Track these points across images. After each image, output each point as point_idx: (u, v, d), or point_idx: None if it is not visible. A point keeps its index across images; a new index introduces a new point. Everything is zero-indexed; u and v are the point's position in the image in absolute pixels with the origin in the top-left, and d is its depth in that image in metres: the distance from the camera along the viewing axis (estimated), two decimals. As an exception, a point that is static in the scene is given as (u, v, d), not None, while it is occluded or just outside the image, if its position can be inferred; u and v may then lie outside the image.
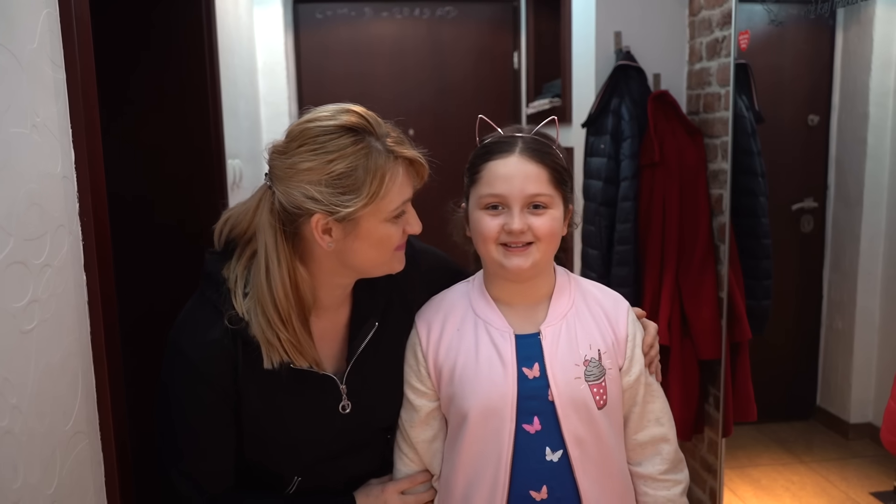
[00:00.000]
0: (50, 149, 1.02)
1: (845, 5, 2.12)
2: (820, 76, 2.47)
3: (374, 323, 1.18)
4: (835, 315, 2.49)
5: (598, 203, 2.52)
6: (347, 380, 1.17)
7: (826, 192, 2.51)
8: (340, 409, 1.17)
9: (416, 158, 1.08)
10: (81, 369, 1.09)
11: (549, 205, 1.13)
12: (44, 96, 1.00)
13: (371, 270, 1.13)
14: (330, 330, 1.18)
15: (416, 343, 1.21)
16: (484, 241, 1.14)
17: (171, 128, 2.04)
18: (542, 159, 1.14)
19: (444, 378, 1.17)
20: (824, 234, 2.52)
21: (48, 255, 1.00)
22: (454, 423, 1.18)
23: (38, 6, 1.00)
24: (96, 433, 1.13)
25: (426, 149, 1.13)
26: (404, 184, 1.08)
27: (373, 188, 1.03)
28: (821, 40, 2.41)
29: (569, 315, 1.18)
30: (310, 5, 3.69)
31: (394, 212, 1.07)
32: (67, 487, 1.03)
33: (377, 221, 1.06)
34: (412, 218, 1.12)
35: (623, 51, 2.56)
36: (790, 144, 2.56)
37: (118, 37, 1.94)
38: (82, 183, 1.09)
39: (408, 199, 1.10)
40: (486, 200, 1.13)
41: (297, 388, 1.12)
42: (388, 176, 1.04)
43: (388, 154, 1.05)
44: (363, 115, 1.06)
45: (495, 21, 3.83)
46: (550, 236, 1.14)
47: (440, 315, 1.21)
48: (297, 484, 1.20)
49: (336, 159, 1.02)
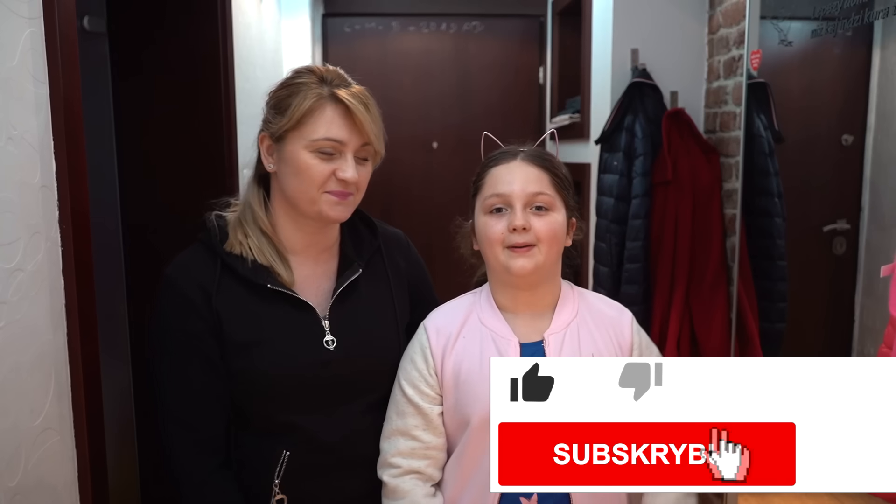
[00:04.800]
0: (28, 160, 1.08)
1: (883, 17, 2.05)
2: (855, 94, 2.40)
3: (357, 268, 1.27)
4: (867, 341, 2.41)
5: (609, 220, 2.52)
6: (331, 316, 1.23)
7: (860, 214, 2.43)
8: (325, 344, 1.21)
9: (346, 101, 1.16)
10: (55, 369, 1.15)
11: (550, 207, 1.17)
12: (22, 110, 1.07)
13: (300, 205, 1.20)
14: (319, 276, 1.27)
15: (425, 346, 1.23)
16: (490, 244, 1.18)
17: (183, 137, 2.12)
18: (543, 164, 1.20)
19: (448, 384, 1.20)
20: (857, 257, 2.45)
21: (20, 260, 1.05)
22: (455, 429, 1.20)
23: (20, 26, 1.07)
24: (69, 430, 1.19)
25: (449, 162, 1.19)
26: (334, 122, 1.16)
27: (297, 112, 1.16)
28: (856, 57, 2.35)
29: (573, 324, 1.21)
30: (339, 19, 3.77)
31: (315, 143, 1.16)
32: (33, 481, 1.08)
33: (299, 147, 1.17)
34: (346, 165, 1.17)
35: (639, 68, 2.55)
36: (822, 164, 2.50)
37: (131, 44, 2.03)
38: (62, 192, 1.15)
39: (338, 139, 1.16)
40: (490, 202, 1.18)
41: (277, 310, 1.19)
42: (317, 107, 1.16)
43: (324, 91, 1.17)
44: (330, 69, 1.21)
45: (521, 36, 3.84)
46: (552, 238, 1.17)
47: (448, 321, 1.24)
48: (285, 460, 1.19)
49: (283, 88, 1.20)
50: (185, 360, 1.17)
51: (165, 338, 1.19)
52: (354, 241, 1.31)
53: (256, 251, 1.20)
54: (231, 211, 1.26)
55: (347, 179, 1.17)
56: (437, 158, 3.76)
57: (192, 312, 1.16)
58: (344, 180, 1.17)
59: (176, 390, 1.18)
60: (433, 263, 4.26)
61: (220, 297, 1.17)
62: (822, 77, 2.44)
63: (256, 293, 1.19)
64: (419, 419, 1.20)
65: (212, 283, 1.18)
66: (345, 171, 1.17)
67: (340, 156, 1.17)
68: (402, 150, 3.81)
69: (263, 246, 1.21)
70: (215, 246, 1.20)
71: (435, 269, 4.12)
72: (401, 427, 1.21)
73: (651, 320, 2.45)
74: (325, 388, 1.21)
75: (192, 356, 1.17)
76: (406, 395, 1.22)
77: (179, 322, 1.17)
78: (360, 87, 1.21)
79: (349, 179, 1.17)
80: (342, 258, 1.29)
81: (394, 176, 3.84)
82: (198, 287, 1.17)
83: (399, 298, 1.33)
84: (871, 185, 2.37)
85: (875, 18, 1.93)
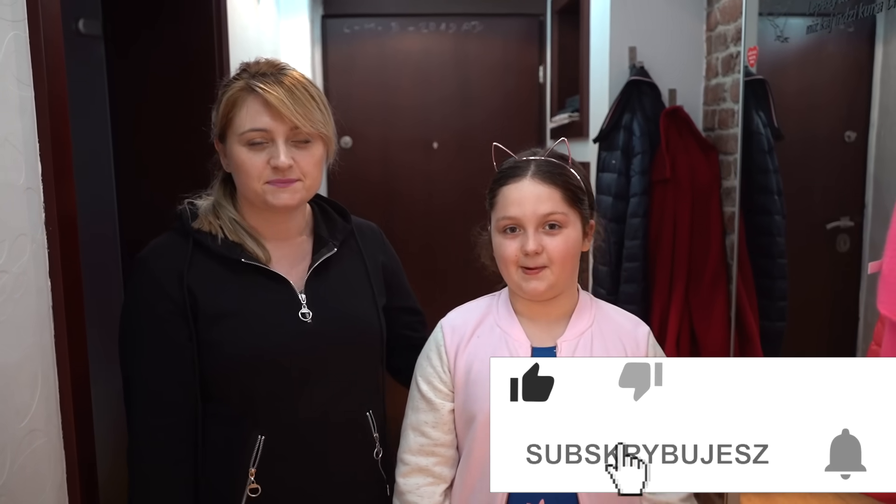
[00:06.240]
0: (12, 162, 1.08)
1: (887, 9, 2.02)
2: (858, 90, 2.39)
3: (332, 247, 1.30)
4: (871, 340, 2.39)
5: (608, 219, 2.50)
6: (307, 290, 1.25)
7: (863, 211, 2.42)
8: (301, 316, 1.22)
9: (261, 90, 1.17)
10: (42, 370, 1.15)
11: (563, 224, 1.18)
12: (6, 112, 1.07)
13: (251, 199, 1.23)
14: (294, 256, 1.29)
15: (440, 343, 1.25)
16: (504, 264, 1.21)
17: (179, 140, 2.12)
18: (554, 180, 1.18)
19: (459, 381, 1.22)
20: (861, 254, 2.43)
21: (4, 262, 1.06)
22: (463, 426, 1.22)
23: (4, 28, 1.07)
24: (57, 432, 1.19)
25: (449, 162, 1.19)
26: (256, 113, 1.18)
27: (224, 109, 1.21)
28: (859, 52, 2.33)
29: (587, 332, 1.23)
30: (338, 20, 3.77)
31: (243, 136, 1.18)
32: (19, 481, 1.08)
33: (235, 143, 1.20)
34: (276, 151, 1.19)
35: (637, 66, 2.54)
36: (825, 161, 2.48)
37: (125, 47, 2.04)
38: (48, 194, 1.16)
39: (262, 128, 1.18)
40: (503, 223, 1.20)
41: (251, 284, 1.22)
42: (238, 102, 1.19)
43: (243, 85, 1.20)
44: (260, 62, 1.23)
45: (521, 35, 3.83)
46: (565, 258, 1.18)
47: (465, 321, 1.27)
48: (261, 445, 1.19)
49: (220, 88, 1.25)
50: (151, 343, 1.19)
51: (133, 320, 1.21)
52: (328, 225, 1.34)
53: (228, 231, 1.23)
54: (203, 200, 1.29)
55: (279, 166, 1.18)
56: (437, 158, 3.76)
57: (161, 296, 1.18)
58: (277, 167, 1.18)
59: (141, 372, 1.20)
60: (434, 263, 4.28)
61: (191, 273, 1.20)
62: (825, 73, 2.42)
63: (230, 268, 1.21)
64: (430, 415, 1.23)
65: (183, 261, 1.20)
66: (276, 158, 1.18)
67: (272, 143, 1.19)
68: (402, 150, 3.81)
69: (236, 227, 1.24)
70: (187, 226, 1.23)
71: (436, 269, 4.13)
72: (413, 422, 1.25)
73: (650, 319, 2.44)
74: (301, 363, 1.22)
75: (159, 339, 1.19)
76: (420, 390, 1.25)
77: (148, 305, 1.20)
78: (295, 73, 1.22)
79: (280, 165, 1.18)
80: (316, 239, 1.32)
81: (394, 176, 3.84)
82: (169, 268, 1.20)
83: (375, 278, 1.35)
84: (874, 181, 2.35)
85: (869, 13, 1.91)
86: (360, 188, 3.71)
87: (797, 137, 2.39)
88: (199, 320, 1.19)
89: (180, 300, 1.18)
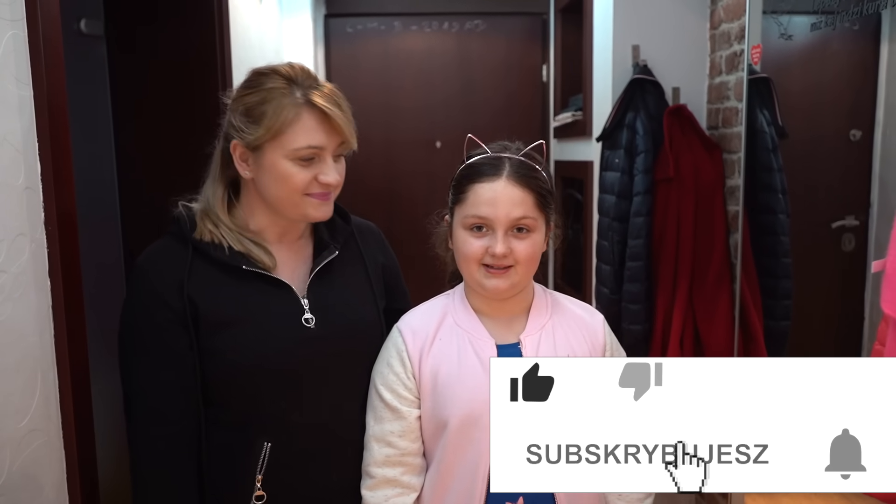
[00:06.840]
0: (10, 161, 1.08)
1: (892, 6, 2.00)
2: (863, 88, 2.37)
3: (334, 250, 1.28)
4: (876, 337, 2.38)
5: (611, 218, 2.49)
6: (309, 295, 1.24)
7: (869, 210, 2.40)
8: (304, 322, 1.21)
9: (323, 107, 1.15)
10: (41, 370, 1.15)
11: (532, 228, 1.17)
12: (5, 112, 1.07)
13: (282, 209, 1.21)
14: (295, 260, 1.28)
15: (401, 349, 1.21)
16: (466, 261, 1.18)
17: (180, 140, 2.12)
18: (529, 184, 1.17)
19: (426, 386, 1.19)
20: (866, 253, 2.42)
21: (3, 261, 1.06)
22: (433, 433, 1.19)
23: (3, 28, 1.07)
24: (57, 432, 1.19)
25: (453, 161, 1.20)
26: (313, 129, 1.15)
27: (272, 122, 1.14)
28: (864, 50, 2.32)
29: (547, 326, 1.22)
30: (341, 19, 3.77)
31: (296, 151, 1.15)
32: (18, 480, 1.09)
33: (279, 156, 1.16)
34: (327, 168, 1.18)
35: (640, 64, 2.53)
36: (830, 160, 2.47)
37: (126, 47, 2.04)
38: (48, 194, 1.16)
39: (318, 145, 1.16)
40: (471, 221, 1.17)
41: (254, 291, 1.20)
42: (292, 116, 1.14)
43: (299, 98, 1.15)
44: (295, 68, 1.19)
45: (524, 34, 3.83)
46: (530, 259, 1.18)
47: (424, 323, 1.24)
48: (267, 452, 1.19)
49: (252, 93, 1.17)
50: (150, 353, 1.17)
51: (133, 330, 1.19)
52: (328, 227, 1.32)
53: (233, 241, 1.20)
54: (196, 202, 1.27)
55: (331, 183, 1.18)
56: (440, 157, 3.75)
57: (160, 305, 1.17)
58: (328, 183, 1.18)
59: (140, 381, 1.18)
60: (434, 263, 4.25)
61: (192, 282, 1.17)
62: (829, 71, 2.41)
63: (231, 275, 1.20)
64: (397, 424, 1.19)
65: (183, 269, 1.18)
66: (327, 175, 1.17)
67: (320, 160, 1.17)
68: (405, 149, 3.81)
69: (239, 237, 1.21)
70: (186, 234, 1.21)
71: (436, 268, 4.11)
72: (378, 433, 1.20)
73: (654, 318, 2.43)
74: (305, 369, 1.21)
75: (158, 349, 1.17)
76: (384, 399, 1.20)
77: (147, 314, 1.18)
78: (329, 85, 1.21)
79: (333, 183, 1.18)
80: (317, 242, 1.30)
81: (397, 176, 3.83)
82: (168, 277, 1.18)
83: (376, 280, 1.34)
84: (879, 180, 2.33)
85: (874, 11, 1.90)
86: (362, 187, 3.71)
87: (801, 136, 2.38)
88: (201, 328, 1.18)
89: (180, 309, 1.16)
